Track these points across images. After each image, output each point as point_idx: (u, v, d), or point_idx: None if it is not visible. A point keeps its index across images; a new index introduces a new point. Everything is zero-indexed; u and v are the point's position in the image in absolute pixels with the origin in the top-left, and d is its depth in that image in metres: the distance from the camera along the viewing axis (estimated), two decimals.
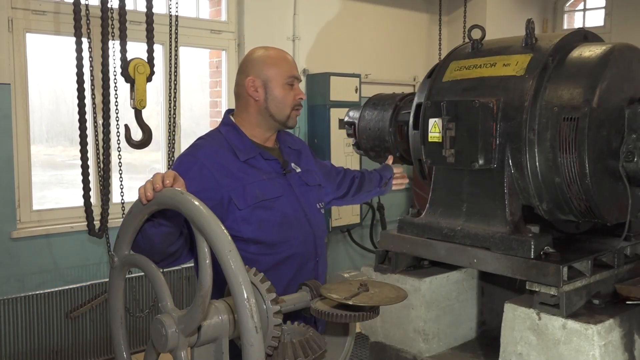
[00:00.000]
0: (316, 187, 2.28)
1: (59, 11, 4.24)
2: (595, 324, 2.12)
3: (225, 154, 2.06)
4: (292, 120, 2.18)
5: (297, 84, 2.18)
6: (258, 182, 2.05)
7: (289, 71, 2.15)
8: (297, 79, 2.18)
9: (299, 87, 2.19)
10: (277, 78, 2.13)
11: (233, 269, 1.37)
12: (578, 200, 2.27)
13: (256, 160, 2.11)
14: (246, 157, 2.08)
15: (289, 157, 2.23)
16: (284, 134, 2.32)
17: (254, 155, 2.10)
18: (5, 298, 3.98)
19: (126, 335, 1.77)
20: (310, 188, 2.23)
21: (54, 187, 4.89)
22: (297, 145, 2.34)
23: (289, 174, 2.17)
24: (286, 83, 2.14)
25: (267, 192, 2.04)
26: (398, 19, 6.42)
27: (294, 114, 2.17)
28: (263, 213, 2.02)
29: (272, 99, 2.13)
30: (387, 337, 2.76)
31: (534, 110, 2.32)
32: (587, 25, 6.80)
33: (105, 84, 4.08)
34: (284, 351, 1.61)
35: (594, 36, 2.61)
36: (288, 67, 2.16)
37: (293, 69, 2.18)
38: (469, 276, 2.81)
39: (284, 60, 2.18)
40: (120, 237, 1.70)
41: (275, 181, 2.10)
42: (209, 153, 2.05)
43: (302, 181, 2.21)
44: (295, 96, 2.15)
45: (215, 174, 2.00)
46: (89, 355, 4.32)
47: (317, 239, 2.17)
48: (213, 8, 5.34)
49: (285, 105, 2.14)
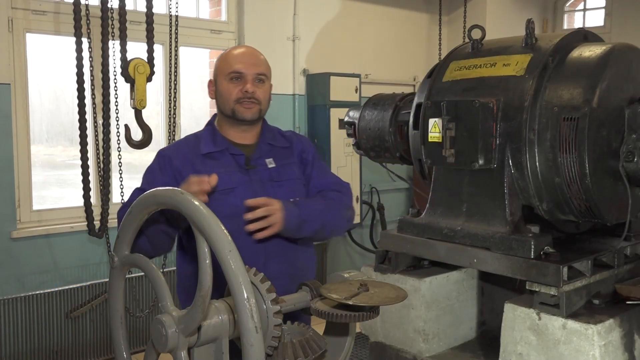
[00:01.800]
0: (292, 181, 2.25)
1: (59, 11, 4.24)
2: (595, 324, 2.12)
3: (192, 149, 2.21)
4: (240, 113, 2.19)
5: (248, 79, 2.18)
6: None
7: (230, 66, 2.19)
8: (244, 74, 2.18)
9: (254, 83, 2.19)
10: (221, 74, 2.22)
11: (233, 269, 1.37)
12: (578, 200, 2.27)
13: (221, 154, 2.20)
14: (207, 151, 2.19)
15: (264, 153, 2.24)
16: (275, 132, 2.35)
17: (219, 149, 2.19)
18: (5, 298, 3.98)
19: (126, 335, 1.77)
20: (280, 183, 2.21)
21: (54, 187, 4.89)
22: (286, 142, 2.33)
23: (254, 169, 2.20)
24: (230, 78, 2.19)
25: (219, 184, 2.06)
26: (398, 19, 6.42)
27: (240, 107, 2.18)
28: (214, 204, 1.96)
29: (218, 95, 2.24)
30: (387, 337, 2.76)
31: (534, 110, 2.32)
32: (587, 25, 6.80)
33: (105, 84, 4.08)
34: (284, 351, 1.61)
35: (594, 36, 2.61)
36: (230, 62, 2.20)
37: (236, 63, 2.19)
38: (469, 276, 2.81)
39: (228, 56, 2.24)
40: (120, 237, 1.70)
41: (233, 174, 2.16)
42: (179, 149, 2.23)
43: (271, 176, 2.21)
44: (239, 90, 2.17)
45: (179, 167, 2.16)
46: (89, 355, 4.32)
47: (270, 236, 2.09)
48: (213, 8, 5.34)
49: (227, 99, 2.19)
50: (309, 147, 2.40)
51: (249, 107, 2.19)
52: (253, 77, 2.20)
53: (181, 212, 1.48)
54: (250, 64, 2.21)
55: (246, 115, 2.20)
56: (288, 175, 2.25)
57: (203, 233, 1.42)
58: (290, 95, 5.60)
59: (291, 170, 2.27)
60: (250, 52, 2.28)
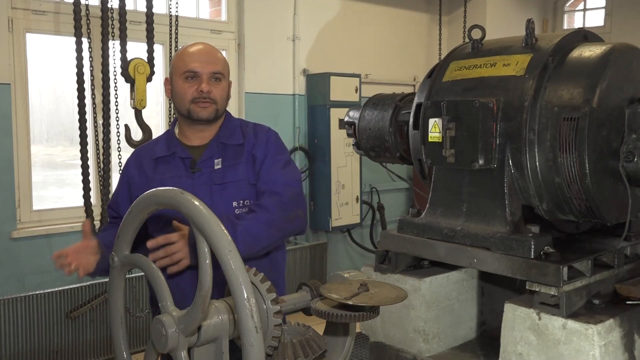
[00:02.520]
0: (236, 183, 2.14)
1: (59, 11, 4.25)
2: (595, 324, 2.12)
3: (148, 153, 2.20)
4: (195, 113, 2.13)
5: (204, 78, 2.11)
6: (159, 180, 2.09)
7: (185, 65, 2.13)
8: (199, 74, 2.11)
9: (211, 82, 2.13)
10: (176, 72, 2.17)
11: (233, 269, 1.37)
12: (578, 200, 2.27)
13: (171, 158, 2.16)
14: (158, 155, 2.16)
15: (214, 154, 2.16)
16: (235, 128, 2.23)
17: (169, 153, 2.15)
18: (5, 298, 3.98)
19: (126, 335, 1.77)
20: (224, 186, 2.13)
21: (54, 187, 4.89)
22: (240, 139, 2.21)
23: (198, 172, 2.13)
24: (185, 77, 2.13)
25: None
26: (398, 19, 6.42)
27: (195, 107, 2.12)
28: (160, 212, 1.93)
29: (174, 94, 2.19)
30: (387, 337, 2.76)
31: (534, 110, 2.32)
32: (587, 25, 6.80)
33: (105, 84, 4.08)
34: (284, 351, 1.61)
35: (594, 36, 2.61)
36: (185, 61, 2.14)
37: (191, 62, 2.12)
38: (469, 276, 2.81)
39: (183, 54, 2.18)
40: (120, 237, 1.70)
41: (177, 179, 2.10)
42: (139, 152, 2.25)
43: (213, 179, 2.13)
44: (195, 90, 2.11)
45: (134, 172, 2.17)
46: (89, 355, 4.32)
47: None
48: (213, 8, 5.34)
49: (183, 99, 2.14)
50: (262, 142, 2.23)
51: (205, 106, 2.13)
52: (208, 76, 2.14)
53: (181, 212, 1.48)
54: (206, 62, 2.14)
55: (202, 115, 2.14)
56: (233, 177, 2.14)
57: (203, 233, 1.42)
58: (290, 95, 5.60)
59: (236, 171, 2.16)
60: (206, 49, 2.21)
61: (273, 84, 5.41)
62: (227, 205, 2.12)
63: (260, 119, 2.46)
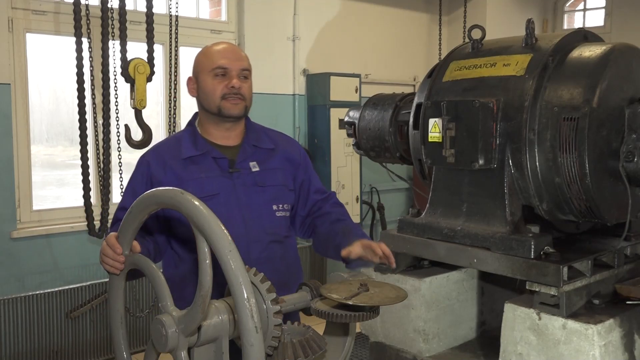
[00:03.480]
0: (276, 187, 2.17)
1: (59, 11, 4.24)
2: (595, 324, 2.13)
3: (172, 152, 2.14)
4: (227, 110, 2.11)
5: (233, 74, 2.10)
6: (194, 180, 2.06)
7: (214, 62, 2.11)
8: (229, 70, 2.10)
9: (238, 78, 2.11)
10: (203, 70, 2.14)
11: (233, 269, 1.37)
12: (578, 200, 2.27)
13: (202, 158, 2.12)
14: (188, 155, 2.12)
15: (248, 156, 2.17)
16: (260, 131, 2.26)
17: (199, 153, 2.12)
18: (5, 298, 3.97)
19: (126, 335, 1.77)
20: (264, 189, 2.13)
21: (54, 187, 4.89)
22: (271, 144, 2.24)
23: (237, 172, 2.12)
24: (214, 74, 2.11)
25: (201, 190, 2.02)
26: (398, 19, 6.42)
27: (226, 104, 2.10)
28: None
29: (201, 91, 2.15)
30: (387, 337, 2.76)
31: (534, 110, 2.32)
32: (587, 25, 6.80)
33: (105, 84, 4.08)
34: (284, 351, 1.61)
35: (594, 36, 2.61)
36: (214, 58, 2.12)
37: (220, 59, 2.11)
38: (469, 276, 2.81)
39: (210, 52, 2.16)
40: (120, 237, 1.70)
41: (215, 179, 2.09)
42: (159, 152, 2.17)
43: (255, 181, 2.13)
44: (225, 86, 2.09)
45: (159, 172, 2.09)
46: (89, 355, 4.31)
47: (253, 243, 2.06)
48: (213, 8, 5.34)
49: (212, 95, 2.11)
50: (299, 150, 2.32)
51: (235, 102, 2.11)
52: (238, 72, 2.12)
53: (181, 212, 1.48)
54: (234, 59, 2.13)
55: (233, 112, 2.11)
56: (272, 181, 2.16)
57: (203, 233, 1.42)
58: (290, 95, 5.59)
59: (275, 176, 2.18)
60: (232, 47, 2.20)
61: (273, 84, 5.41)
62: (268, 207, 2.14)
63: (261, 119, 2.45)
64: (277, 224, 2.15)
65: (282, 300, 1.68)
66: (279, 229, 2.15)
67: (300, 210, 2.26)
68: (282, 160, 2.23)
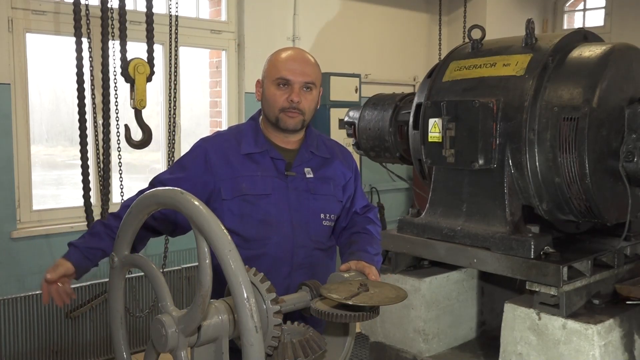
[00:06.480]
0: (327, 197, 2.17)
1: (59, 11, 4.24)
2: (595, 324, 2.13)
3: (233, 145, 2.12)
4: (283, 123, 2.09)
5: (295, 88, 2.07)
6: (249, 177, 2.06)
7: (278, 71, 2.08)
8: (291, 82, 2.07)
9: (302, 91, 2.08)
10: (268, 77, 2.12)
11: (233, 269, 1.37)
12: (578, 200, 2.27)
13: (261, 156, 2.11)
14: (247, 151, 2.10)
15: (304, 161, 2.16)
16: (319, 139, 2.26)
17: (259, 150, 2.11)
18: (5, 298, 3.97)
19: (126, 335, 1.77)
20: (315, 196, 2.14)
21: (54, 187, 4.89)
22: (327, 153, 2.23)
23: (291, 176, 2.11)
24: (277, 83, 2.08)
25: (254, 188, 2.03)
26: (398, 19, 6.42)
27: (283, 116, 2.08)
28: (246, 207, 2.01)
29: (264, 98, 2.15)
30: (387, 337, 2.76)
31: (534, 110, 2.33)
32: (587, 25, 6.80)
33: (105, 84, 4.08)
34: (284, 351, 1.61)
35: (594, 36, 2.62)
36: (278, 67, 2.09)
37: (283, 69, 2.08)
38: (469, 276, 2.81)
39: (277, 59, 2.13)
40: (120, 237, 1.70)
41: (269, 179, 2.08)
42: (219, 141, 2.13)
43: (308, 187, 2.13)
44: (286, 99, 2.06)
45: (216, 162, 2.07)
46: (89, 355, 4.31)
47: (298, 247, 2.07)
48: (213, 8, 5.34)
49: (273, 105, 2.09)
50: (352, 162, 2.30)
51: (292, 116, 2.08)
52: (300, 85, 2.08)
53: (181, 212, 1.48)
54: (299, 73, 2.08)
55: (288, 125, 2.10)
56: (325, 191, 2.16)
57: (203, 233, 1.42)
58: None
59: (328, 186, 2.18)
60: (300, 57, 2.13)
61: None
62: (315, 214, 2.14)
63: None
64: (323, 232, 2.16)
65: (281, 300, 1.68)
66: (323, 238, 2.16)
67: (342, 221, 2.26)
68: (335, 170, 2.22)
